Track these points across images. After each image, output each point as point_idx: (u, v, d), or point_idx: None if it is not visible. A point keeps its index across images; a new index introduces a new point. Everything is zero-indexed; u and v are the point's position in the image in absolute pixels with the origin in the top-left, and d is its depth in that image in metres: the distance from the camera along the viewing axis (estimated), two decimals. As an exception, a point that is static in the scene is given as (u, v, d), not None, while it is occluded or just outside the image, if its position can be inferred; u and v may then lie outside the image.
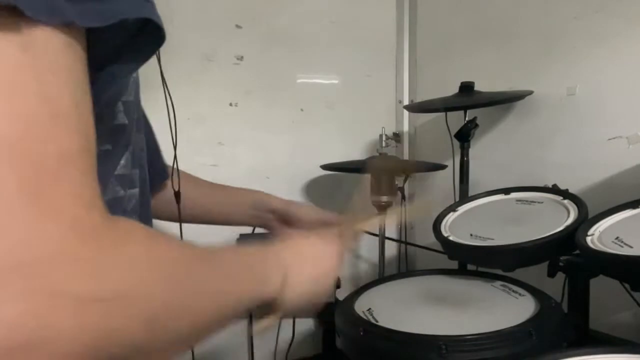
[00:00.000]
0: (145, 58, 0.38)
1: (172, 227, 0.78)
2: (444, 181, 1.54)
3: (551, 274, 0.99)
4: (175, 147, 0.73)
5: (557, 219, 1.01)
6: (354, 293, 1.11)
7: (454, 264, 1.25)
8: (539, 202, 1.12)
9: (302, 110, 1.64)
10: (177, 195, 0.75)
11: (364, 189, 0.71)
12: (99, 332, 0.27)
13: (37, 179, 0.26)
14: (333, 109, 1.70)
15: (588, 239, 0.88)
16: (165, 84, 0.67)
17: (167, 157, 0.74)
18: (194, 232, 0.73)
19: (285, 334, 1.59)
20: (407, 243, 1.71)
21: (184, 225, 0.78)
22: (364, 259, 1.78)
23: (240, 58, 1.57)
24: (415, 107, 1.60)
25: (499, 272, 1.09)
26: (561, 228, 0.96)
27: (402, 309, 1.01)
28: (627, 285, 0.89)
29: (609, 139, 1.17)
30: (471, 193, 1.32)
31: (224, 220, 0.87)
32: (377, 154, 1.50)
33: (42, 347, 0.25)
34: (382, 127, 1.52)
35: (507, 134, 1.43)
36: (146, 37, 0.35)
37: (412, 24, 1.78)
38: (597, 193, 1.17)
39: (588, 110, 1.22)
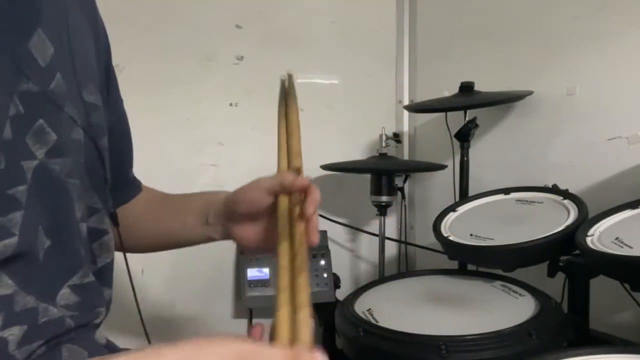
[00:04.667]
0: None
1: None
2: (444, 181, 1.54)
3: (551, 274, 0.99)
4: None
5: (557, 219, 1.01)
6: (354, 293, 1.11)
7: (454, 264, 1.25)
8: (539, 202, 1.12)
9: (302, 110, 1.63)
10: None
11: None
12: None
13: None
14: (333, 109, 1.70)
15: (588, 239, 0.88)
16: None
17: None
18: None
19: (285, 334, 1.58)
20: (407, 243, 1.71)
21: None
22: (364, 259, 1.78)
23: (240, 58, 1.57)
24: (415, 107, 1.59)
25: (499, 272, 1.09)
26: (561, 228, 0.96)
27: (402, 309, 1.01)
28: (627, 285, 0.89)
29: (609, 139, 1.17)
30: (471, 193, 1.32)
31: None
32: (377, 154, 1.50)
33: None
34: (382, 127, 1.52)
35: (507, 134, 1.43)
36: None
37: (412, 24, 1.77)
38: (597, 193, 1.17)
39: (588, 110, 1.22)
